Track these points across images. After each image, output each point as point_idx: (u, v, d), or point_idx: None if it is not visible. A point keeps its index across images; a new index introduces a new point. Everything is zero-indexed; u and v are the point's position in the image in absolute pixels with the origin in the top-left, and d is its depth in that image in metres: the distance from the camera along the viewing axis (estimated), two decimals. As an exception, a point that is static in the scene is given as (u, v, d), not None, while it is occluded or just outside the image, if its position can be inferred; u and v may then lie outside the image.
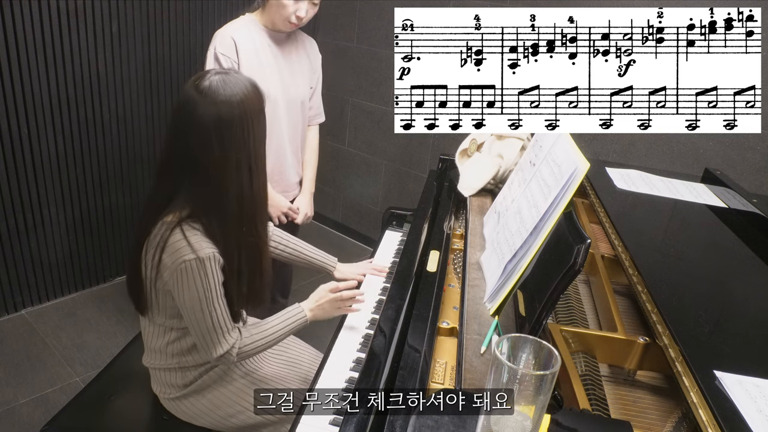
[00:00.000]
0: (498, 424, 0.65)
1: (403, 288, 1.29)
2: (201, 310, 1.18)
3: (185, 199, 1.18)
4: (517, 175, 1.34)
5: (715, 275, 1.16)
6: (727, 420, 0.70)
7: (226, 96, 1.13)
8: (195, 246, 1.14)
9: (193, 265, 1.14)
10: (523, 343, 0.66)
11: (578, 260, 0.83)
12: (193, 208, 1.18)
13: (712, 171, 1.62)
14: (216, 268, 1.17)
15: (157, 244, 1.17)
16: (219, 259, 1.18)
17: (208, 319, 1.19)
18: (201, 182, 1.17)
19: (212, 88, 1.13)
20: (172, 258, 1.15)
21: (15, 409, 2.10)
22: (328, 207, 3.79)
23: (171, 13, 2.69)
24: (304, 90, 1.99)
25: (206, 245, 1.16)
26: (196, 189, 1.17)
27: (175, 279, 1.16)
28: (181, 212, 1.18)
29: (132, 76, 2.64)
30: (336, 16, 3.29)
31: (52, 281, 2.70)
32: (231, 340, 1.23)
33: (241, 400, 1.33)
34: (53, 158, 2.50)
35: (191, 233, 1.16)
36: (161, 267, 1.18)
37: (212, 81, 1.14)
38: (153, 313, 1.28)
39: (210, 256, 1.16)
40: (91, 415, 1.36)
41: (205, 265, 1.15)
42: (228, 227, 1.19)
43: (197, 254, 1.14)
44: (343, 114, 3.47)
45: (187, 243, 1.15)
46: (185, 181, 1.18)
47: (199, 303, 1.17)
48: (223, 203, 1.18)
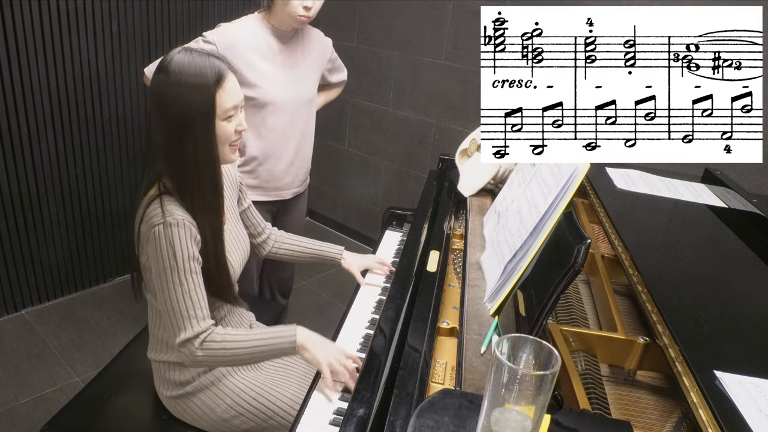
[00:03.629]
0: (498, 424, 0.65)
1: (403, 288, 1.29)
2: (167, 281, 1.15)
3: (166, 174, 1.20)
4: (517, 175, 1.34)
5: (715, 275, 1.16)
6: (727, 420, 0.70)
7: (181, 74, 1.14)
8: (166, 212, 1.15)
9: (160, 230, 1.14)
10: (523, 343, 0.66)
11: (578, 260, 0.83)
12: (170, 183, 1.20)
13: (712, 171, 1.62)
14: (186, 236, 1.15)
15: (141, 218, 1.18)
16: (192, 230, 1.17)
17: (173, 292, 1.15)
18: (171, 160, 1.18)
19: (167, 63, 1.16)
20: (146, 226, 1.16)
21: (15, 409, 2.10)
22: (328, 207, 3.79)
23: (171, 13, 2.69)
24: (312, 89, 1.98)
25: (179, 212, 1.16)
26: (169, 166, 1.19)
27: (147, 247, 1.16)
28: (162, 186, 1.19)
29: (132, 76, 2.64)
30: (336, 16, 3.29)
31: (52, 281, 2.70)
32: (197, 329, 1.17)
33: (237, 405, 1.32)
34: (53, 158, 2.50)
35: (168, 203, 1.17)
36: (140, 239, 1.19)
37: (173, 57, 1.16)
38: (148, 295, 1.28)
39: (179, 222, 1.14)
40: (91, 415, 1.36)
41: (173, 229, 1.14)
42: (197, 206, 1.19)
43: (165, 219, 1.14)
44: (343, 114, 3.47)
45: (161, 210, 1.15)
46: (161, 158, 1.19)
47: (165, 272, 1.15)
48: (195, 181, 1.18)
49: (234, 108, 1.21)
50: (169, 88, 1.14)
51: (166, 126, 1.16)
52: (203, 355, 1.18)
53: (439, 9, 2.86)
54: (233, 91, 1.20)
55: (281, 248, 1.63)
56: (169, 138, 1.17)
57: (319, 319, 2.57)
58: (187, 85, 1.14)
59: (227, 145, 1.24)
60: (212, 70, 1.16)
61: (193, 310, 1.17)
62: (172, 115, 1.15)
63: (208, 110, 1.16)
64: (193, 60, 1.16)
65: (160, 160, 1.20)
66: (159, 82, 1.16)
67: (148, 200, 1.19)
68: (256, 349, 1.22)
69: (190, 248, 1.16)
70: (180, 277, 1.16)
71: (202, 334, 1.18)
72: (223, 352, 1.20)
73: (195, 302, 1.17)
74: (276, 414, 1.33)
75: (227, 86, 1.19)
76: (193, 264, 1.17)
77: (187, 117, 1.15)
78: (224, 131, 1.21)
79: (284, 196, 2.05)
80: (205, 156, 1.19)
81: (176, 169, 1.19)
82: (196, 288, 1.18)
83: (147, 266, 1.21)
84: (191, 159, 1.18)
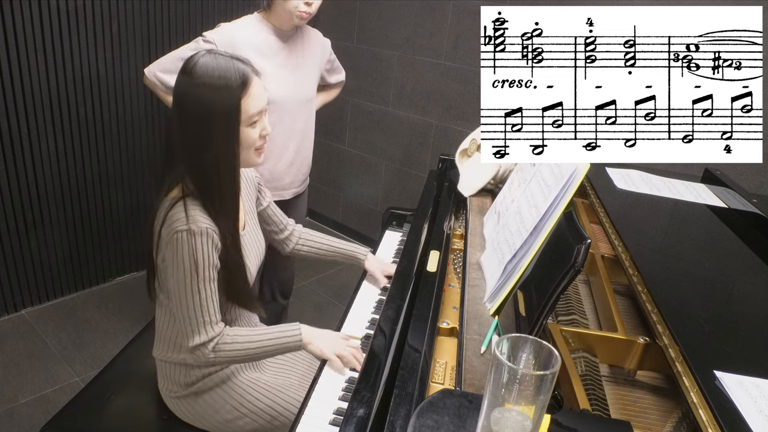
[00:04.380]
0: (498, 424, 0.65)
1: (403, 288, 1.29)
2: (185, 287, 1.15)
3: (188, 177, 1.18)
4: (517, 175, 1.34)
5: (715, 275, 1.16)
6: (727, 420, 0.70)
7: (205, 77, 1.12)
8: (191, 218, 1.13)
9: (183, 237, 1.13)
10: (523, 343, 0.66)
11: (578, 260, 0.83)
12: (194, 185, 1.18)
13: (712, 171, 1.62)
14: (208, 245, 1.15)
15: (162, 220, 1.16)
16: (214, 238, 1.16)
17: (191, 299, 1.16)
18: (191, 162, 1.17)
19: (194, 67, 1.14)
20: (168, 230, 1.15)
21: (15, 409, 2.10)
22: (328, 207, 3.79)
23: (171, 13, 2.69)
24: (312, 89, 1.98)
25: (203, 220, 1.15)
26: (190, 168, 1.17)
27: (167, 250, 1.15)
28: (185, 187, 1.18)
29: (132, 76, 2.64)
30: (336, 16, 3.29)
31: (52, 281, 2.70)
32: (211, 333, 1.19)
33: (240, 406, 1.32)
34: (53, 158, 2.50)
35: (192, 207, 1.16)
36: (161, 241, 1.17)
37: (197, 59, 1.14)
38: (161, 295, 1.28)
39: (203, 231, 1.14)
40: (91, 415, 1.36)
41: (196, 238, 1.13)
42: (216, 210, 1.18)
43: (189, 226, 1.13)
44: (343, 114, 3.47)
45: (185, 215, 1.14)
46: (182, 160, 1.18)
47: (184, 279, 1.15)
48: (215, 184, 1.17)
49: (259, 113, 1.19)
50: (192, 90, 1.13)
51: (187, 129, 1.15)
52: (215, 357, 1.21)
53: (439, 9, 2.86)
54: (259, 96, 1.18)
55: (305, 245, 1.62)
56: (189, 141, 1.15)
57: (318, 319, 2.57)
58: (210, 88, 1.12)
59: (252, 149, 1.23)
60: (237, 74, 1.14)
61: (208, 316, 1.18)
62: (194, 118, 1.13)
63: (232, 115, 1.14)
64: (218, 63, 1.14)
65: (181, 161, 1.18)
66: (182, 83, 1.14)
67: (171, 202, 1.17)
68: (264, 348, 1.25)
69: (211, 257, 1.16)
70: (199, 285, 1.16)
71: (216, 338, 1.20)
72: (233, 353, 1.23)
73: (210, 308, 1.18)
74: (281, 414, 1.33)
75: (253, 91, 1.16)
76: (212, 272, 1.18)
77: (210, 121, 1.13)
78: (248, 137, 1.19)
79: (284, 196, 2.05)
80: (226, 161, 1.17)
81: (196, 172, 1.17)
82: (213, 295, 1.19)
83: (163, 268, 1.20)
84: (211, 163, 1.16)
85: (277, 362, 1.45)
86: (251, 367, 1.39)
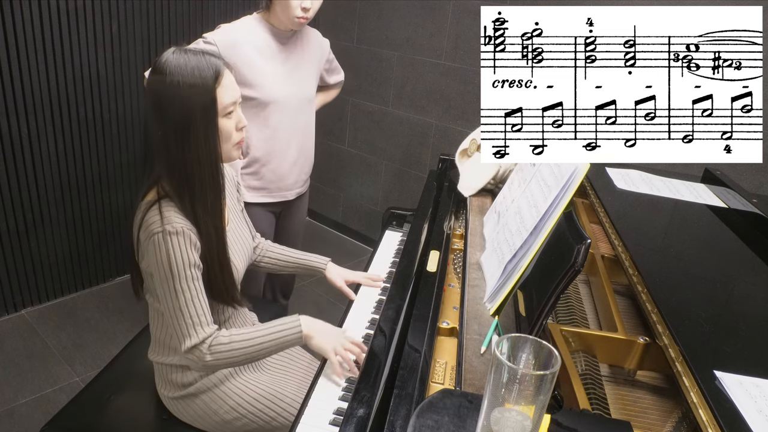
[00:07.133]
0: (498, 424, 0.65)
1: (403, 288, 1.29)
2: (169, 289, 1.15)
3: (166, 178, 1.18)
4: (517, 175, 1.34)
5: (715, 275, 1.16)
6: (727, 420, 0.70)
7: (178, 75, 1.13)
8: (165, 219, 1.14)
9: (159, 238, 1.13)
10: (523, 343, 0.66)
11: (578, 260, 0.83)
12: (169, 186, 1.18)
13: (712, 171, 1.62)
14: (186, 244, 1.14)
15: (139, 224, 1.17)
16: (191, 237, 1.15)
17: (176, 301, 1.15)
18: (171, 161, 1.17)
19: (162, 64, 1.14)
20: (145, 233, 1.15)
21: (15, 409, 2.10)
22: (328, 207, 3.79)
23: (171, 13, 2.69)
24: (312, 88, 1.98)
25: (178, 220, 1.15)
26: (169, 168, 1.17)
27: (147, 254, 1.16)
28: (160, 190, 1.18)
29: (132, 77, 2.64)
30: (336, 16, 3.30)
31: (52, 281, 2.70)
32: (203, 334, 1.17)
33: (239, 407, 1.31)
34: (53, 158, 2.50)
35: (166, 208, 1.16)
36: (140, 246, 1.18)
37: (167, 58, 1.15)
38: (151, 299, 1.28)
39: (178, 230, 1.13)
40: (91, 415, 1.36)
41: (172, 238, 1.13)
42: (197, 207, 1.18)
43: (164, 227, 1.13)
44: (343, 114, 3.47)
45: (159, 217, 1.14)
46: (161, 160, 1.18)
47: (166, 280, 1.14)
48: (197, 182, 1.17)
49: (233, 104, 1.21)
50: (167, 88, 1.13)
51: (166, 127, 1.15)
52: (213, 359, 1.18)
53: (439, 9, 2.86)
54: (231, 86, 1.20)
55: (266, 256, 1.59)
56: (169, 139, 1.16)
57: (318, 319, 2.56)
58: (185, 85, 1.13)
59: (231, 144, 1.23)
60: (209, 68, 1.16)
61: (197, 316, 1.17)
62: (173, 115, 1.14)
63: (209, 108, 1.16)
64: (188, 59, 1.15)
65: (160, 163, 1.18)
66: (157, 83, 1.15)
67: (146, 205, 1.17)
68: (264, 345, 1.23)
69: (190, 256, 1.15)
70: (182, 284, 1.15)
71: (209, 339, 1.18)
72: (232, 353, 1.20)
73: (198, 309, 1.17)
74: (279, 415, 1.33)
75: (225, 82, 1.18)
76: (193, 271, 1.17)
77: (188, 116, 1.14)
78: (226, 128, 1.20)
79: (288, 196, 2.05)
80: (207, 155, 1.18)
81: (176, 170, 1.17)
82: (198, 295, 1.18)
83: (148, 272, 1.20)
84: (193, 159, 1.16)
85: (276, 362, 1.45)
86: (250, 367, 1.39)
